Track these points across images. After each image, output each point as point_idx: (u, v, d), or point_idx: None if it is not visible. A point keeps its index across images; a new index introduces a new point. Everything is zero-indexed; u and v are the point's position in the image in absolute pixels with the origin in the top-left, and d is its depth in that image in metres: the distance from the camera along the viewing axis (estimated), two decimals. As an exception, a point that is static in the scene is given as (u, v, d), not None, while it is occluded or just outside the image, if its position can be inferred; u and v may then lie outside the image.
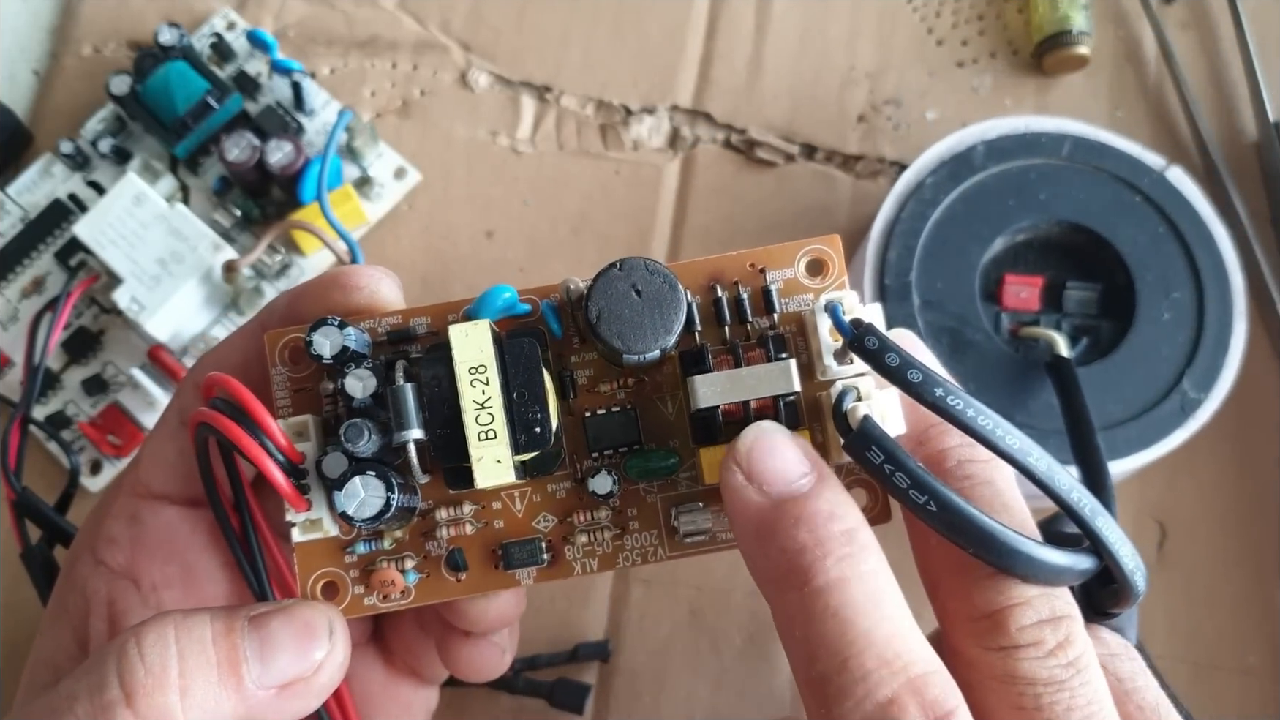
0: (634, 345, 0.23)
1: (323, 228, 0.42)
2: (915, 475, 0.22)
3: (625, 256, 0.24)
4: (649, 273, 0.24)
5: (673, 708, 0.39)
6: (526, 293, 0.26)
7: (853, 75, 0.47)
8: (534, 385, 0.24)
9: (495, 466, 0.23)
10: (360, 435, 0.24)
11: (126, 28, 0.47)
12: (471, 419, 0.23)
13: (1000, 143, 0.40)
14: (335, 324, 0.24)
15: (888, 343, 0.22)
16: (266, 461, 0.24)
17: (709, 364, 0.25)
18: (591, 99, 0.47)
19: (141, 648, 0.23)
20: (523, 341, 0.24)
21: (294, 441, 0.25)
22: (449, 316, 0.26)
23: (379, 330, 0.26)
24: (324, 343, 0.24)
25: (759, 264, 0.26)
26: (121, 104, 0.44)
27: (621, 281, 0.23)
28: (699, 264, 0.26)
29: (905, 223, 0.39)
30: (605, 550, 0.26)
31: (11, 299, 0.44)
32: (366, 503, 0.24)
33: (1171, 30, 0.47)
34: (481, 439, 0.23)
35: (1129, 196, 0.40)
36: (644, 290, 0.23)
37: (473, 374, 0.23)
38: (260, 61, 0.46)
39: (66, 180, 0.45)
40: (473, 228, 0.45)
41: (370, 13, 0.47)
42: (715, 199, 0.45)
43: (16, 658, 0.40)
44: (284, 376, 0.26)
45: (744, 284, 0.26)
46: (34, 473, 0.41)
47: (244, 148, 0.42)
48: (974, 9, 0.48)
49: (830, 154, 0.46)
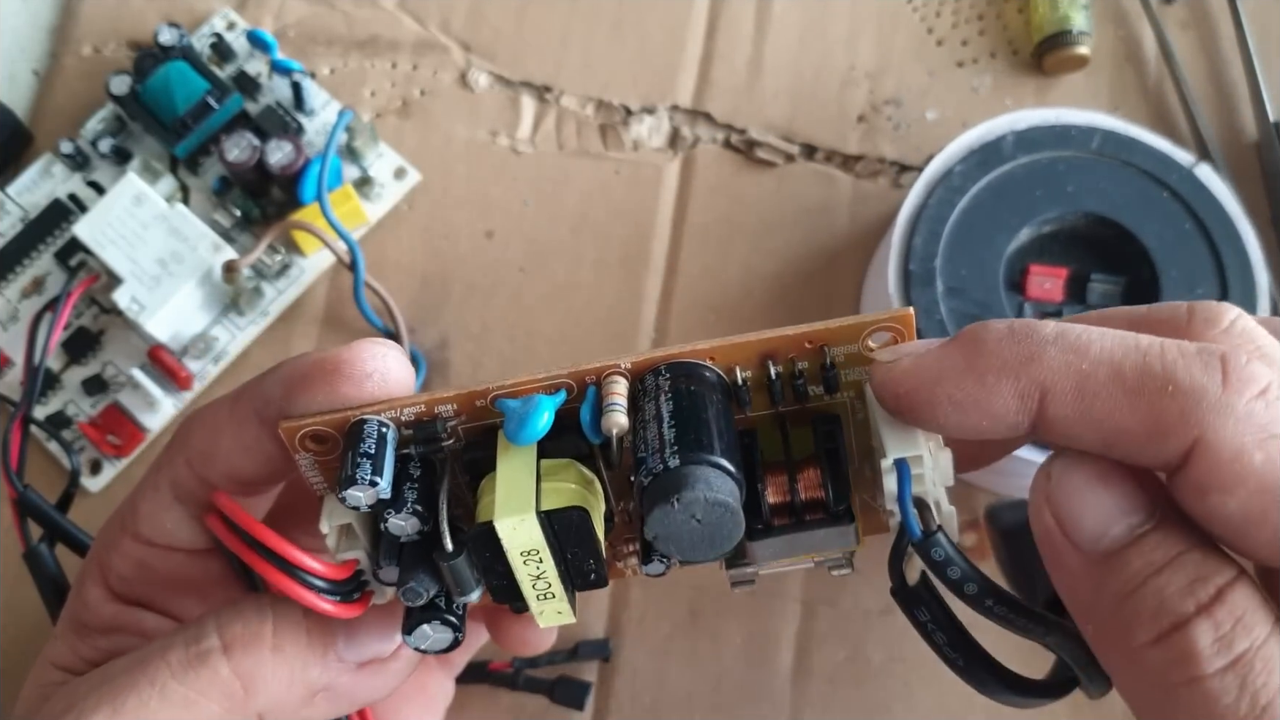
0: (693, 559, 0.23)
1: (323, 228, 0.42)
2: (954, 637, 0.23)
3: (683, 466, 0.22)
4: (709, 505, 0.21)
5: (673, 708, 0.39)
6: (558, 379, 0.24)
7: (853, 75, 0.47)
8: (586, 545, 0.23)
9: (556, 616, 0.24)
10: (418, 597, 0.23)
11: (126, 28, 0.47)
12: (529, 588, 0.23)
13: (1030, 133, 0.40)
14: (366, 480, 0.22)
15: (952, 555, 0.22)
16: (313, 599, 0.23)
17: (764, 505, 0.24)
18: (591, 99, 0.47)
19: (241, 610, 0.24)
20: (571, 515, 0.23)
21: (341, 542, 0.24)
22: (476, 402, 0.24)
23: (401, 419, 0.24)
24: (360, 496, 0.23)
25: (818, 343, 0.24)
26: (121, 104, 0.44)
27: (680, 514, 0.21)
28: (751, 344, 0.24)
29: (932, 209, 0.39)
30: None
31: (11, 299, 0.44)
32: (435, 640, 0.24)
33: (1171, 30, 0.47)
34: (540, 599, 0.24)
35: (1157, 192, 0.40)
36: (703, 519, 0.22)
37: (525, 557, 0.23)
38: (260, 61, 0.46)
39: (66, 180, 0.45)
40: (473, 227, 0.45)
41: (370, 13, 0.47)
42: (715, 199, 0.45)
43: (17, 658, 0.40)
44: (309, 460, 0.25)
45: (799, 360, 0.24)
46: (34, 472, 0.41)
47: (244, 148, 0.42)
48: (974, 9, 0.48)
49: (830, 154, 0.46)
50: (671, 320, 0.44)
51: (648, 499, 0.22)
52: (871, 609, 0.40)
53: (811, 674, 0.39)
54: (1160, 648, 0.20)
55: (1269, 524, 0.20)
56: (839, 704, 0.39)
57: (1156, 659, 0.20)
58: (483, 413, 0.24)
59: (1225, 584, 0.20)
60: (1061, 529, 0.21)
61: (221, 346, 0.43)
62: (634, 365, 0.23)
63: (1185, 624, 0.19)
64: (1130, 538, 0.21)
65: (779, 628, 0.40)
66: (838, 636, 0.40)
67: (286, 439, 0.24)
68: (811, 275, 0.44)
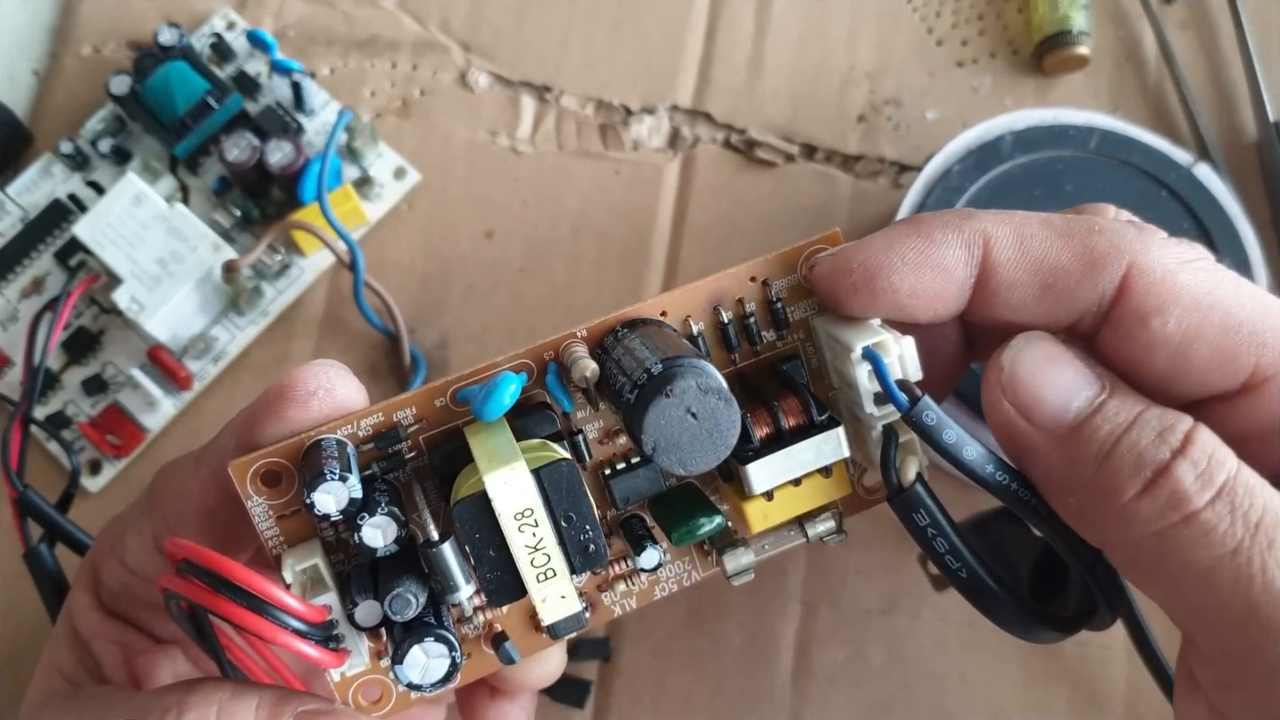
0: (695, 468, 0.22)
1: (322, 228, 0.42)
2: (954, 544, 0.23)
3: (668, 368, 0.21)
4: (702, 392, 0.21)
5: (673, 708, 0.39)
6: (518, 358, 0.23)
7: (852, 75, 0.47)
8: (580, 507, 0.22)
9: (561, 602, 0.23)
10: (407, 605, 0.22)
11: (126, 28, 0.47)
12: (527, 564, 0.22)
13: (1028, 133, 0.40)
14: (335, 476, 0.21)
15: (945, 419, 0.22)
16: (295, 643, 0.21)
17: (753, 436, 0.24)
18: (591, 99, 0.47)
19: (183, 716, 0.22)
20: (560, 468, 0.22)
21: (308, 591, 0.22)
22: (435, 401, 0.23)
23: (359, 434, 0.23)
24: (328, 500, 0.21)
25: (760, 276, 0.25)
26: (121, 104, 0.44)
27: (674, 407, 0.21)
28: (698, 288, 0.25)
29: (931, 209, 0.39)
30: (642, 588, 0.26)
31: (11, 299, 0.44)
32: (431, 668, 0.22)
33: (1171, 30, 0.47)
34: (540, 580, 0.22)
35: (1156, 191, 0.40)
36: (699, 412, 0.21)
37: (519, 519, 0.22)
38: (260, 61, 0.46)
39: (66, 180, 0.45)
40: (472, 227, 0.45)
41: (370, 13, 0.47)
42: (715, 199, 0.45)
43: (17, 657, 0.40)
44: (264, 506, 0.23)
45: (747, 300, 0.25)
46: (34, 472, 0.41)
47: (244, 148, 0.42)
48: (974, 9, 0.48)
49: (830, 154, 0.46)
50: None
51: (639, 406, 0.21)
52: (872, 609, 0.40)
53: (812, 674, 0.39)
54: (1149, 496, 0.21)
55: (1204, 339, 0.22)
56: (839, 704, 0.39)
57: (1147, 508, 0.21)
58: (443, 415, 0.23)
59: (1190, 428, 0.21)
60: (1025, 415, 0.22)
61: (221, 346, 0.43)
62: (589, 331, 0.24)
63: (1166, 469, 0.21)
64: (1092, 407, 0.22)
65: (779, 628, 0.40)
66: (838, 636, 0.40)
67: (237, 481, 0.23)
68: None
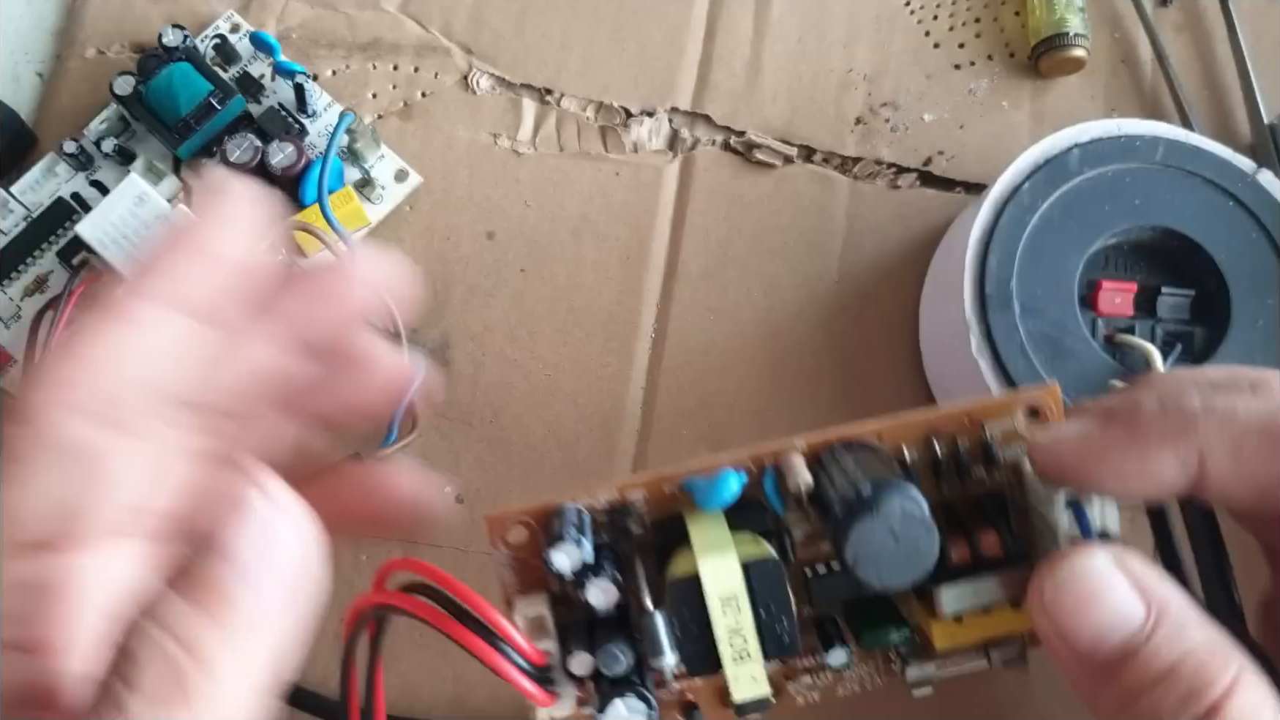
0: (891, 585, 0.23)
1: (323, 229, 0.42)
2: None
3: (877, 490, 0.22)
4: (906, 518, 0.22)
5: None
6: (739, 462, 0.25)
7: (850, 78, 0.47)
8: (780, 602, 0.24)
9: (751, 683, 0.24)
10: (616, 661, 0.24)
11: (130, 30, 0.48)
12: (726, 645, 0.24)
13: (1094, 146, 0.40)
14: (574, 539, 0.24)
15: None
16: (516, 676, 0.23)
17: (949, 561, 0.25)
18: (592, 101, 0.47)
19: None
20: (767, 566, 0.24)
21: (533, 635, 0.24)
22: (665, 488, 0.25)
23: (597, 505, 0.25)
24: (564, 559, 0.24)
25: (978, 418, 0.26)
26: (125, 104, 0.44)
27: (878, 528, 0.22)
28: (915, 421, 0.26)
29: (1004, 229, 0.39)
30: (826, 684, 0.28)
31: (14, 297, 0.44)
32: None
33: (1166, 33, 0.47)
34: (735, 660, 0.24)
35: (1221, 201, 0.39)
36: (901, 535, 0.22)
37: (724, 603, 0.24)
38: (263, 64, 0.46)
39: (70, 180, 0.45)
40: (474, 229, 0.45)
41: (373, 16, 0.48)
42: (714, 200, 0.46)
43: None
44: (506, 556, 0.25)
45: (960, 436, 0.26)
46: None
47: (246, 149, 0.43)
48: (971, 12, 0.48)
49: (828, 156, 0.46)
50: (671, 321, 0.44)
51: (844, 521, 0.22)
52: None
53: (811, 672, 0.40)
54: None
55: None
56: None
57: None
58: (668, 501, 0.26)
59: (1220, 696, 0.20)
60: (1060, 638, 0.22)
61: (223, 346, 0.43)
62: (808, 445, 0.25)
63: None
64: (1124, 652, 0.21)
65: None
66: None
67: (490, 531, 0.25)
68: (810, 275, 0.45)
